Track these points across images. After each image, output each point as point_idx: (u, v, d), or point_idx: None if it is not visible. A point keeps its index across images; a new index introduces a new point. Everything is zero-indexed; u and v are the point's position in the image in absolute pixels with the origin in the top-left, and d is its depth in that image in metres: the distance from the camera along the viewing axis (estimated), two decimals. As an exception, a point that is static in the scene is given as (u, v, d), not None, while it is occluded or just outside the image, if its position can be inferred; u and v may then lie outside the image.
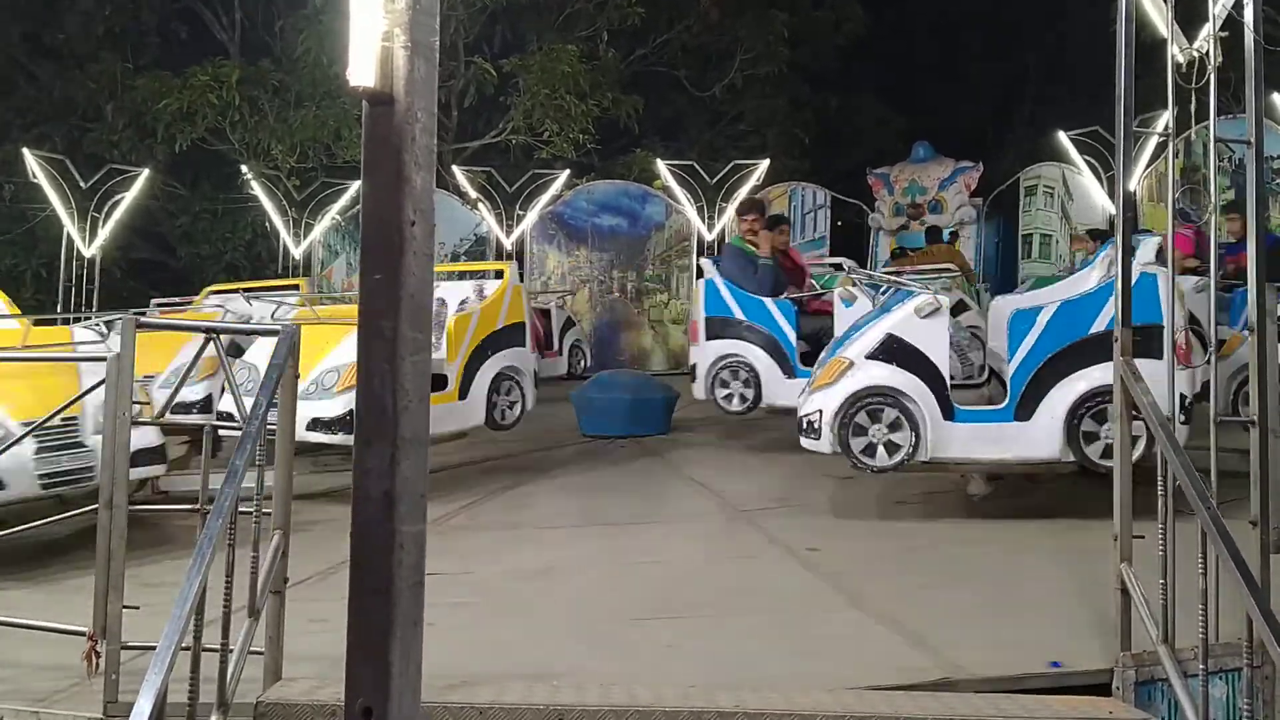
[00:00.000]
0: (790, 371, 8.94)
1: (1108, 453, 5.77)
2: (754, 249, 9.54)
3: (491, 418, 8.68)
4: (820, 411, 6.79)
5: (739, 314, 9.09)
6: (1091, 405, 6.40)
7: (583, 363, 15.85)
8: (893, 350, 6.75)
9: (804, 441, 6.93)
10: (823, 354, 7.53)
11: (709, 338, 9.11)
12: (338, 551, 5.02)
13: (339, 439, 7.62)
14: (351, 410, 6.91)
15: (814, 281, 9.97)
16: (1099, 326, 6.33)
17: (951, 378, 6.83)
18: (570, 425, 10.78)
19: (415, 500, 1.62)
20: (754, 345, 9.04)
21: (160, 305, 12.36)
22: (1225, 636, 4.00)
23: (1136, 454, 5.73)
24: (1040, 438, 6.52)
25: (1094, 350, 6.23)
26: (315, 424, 7.55)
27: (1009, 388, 6.62)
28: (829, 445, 6.73)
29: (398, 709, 1.58)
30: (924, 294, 6.93)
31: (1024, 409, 6.56)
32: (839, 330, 8.16)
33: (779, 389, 8.94)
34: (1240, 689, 3.75)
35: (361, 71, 1.61)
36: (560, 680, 4.15)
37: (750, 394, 9.03)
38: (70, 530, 6.00)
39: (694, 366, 9.42)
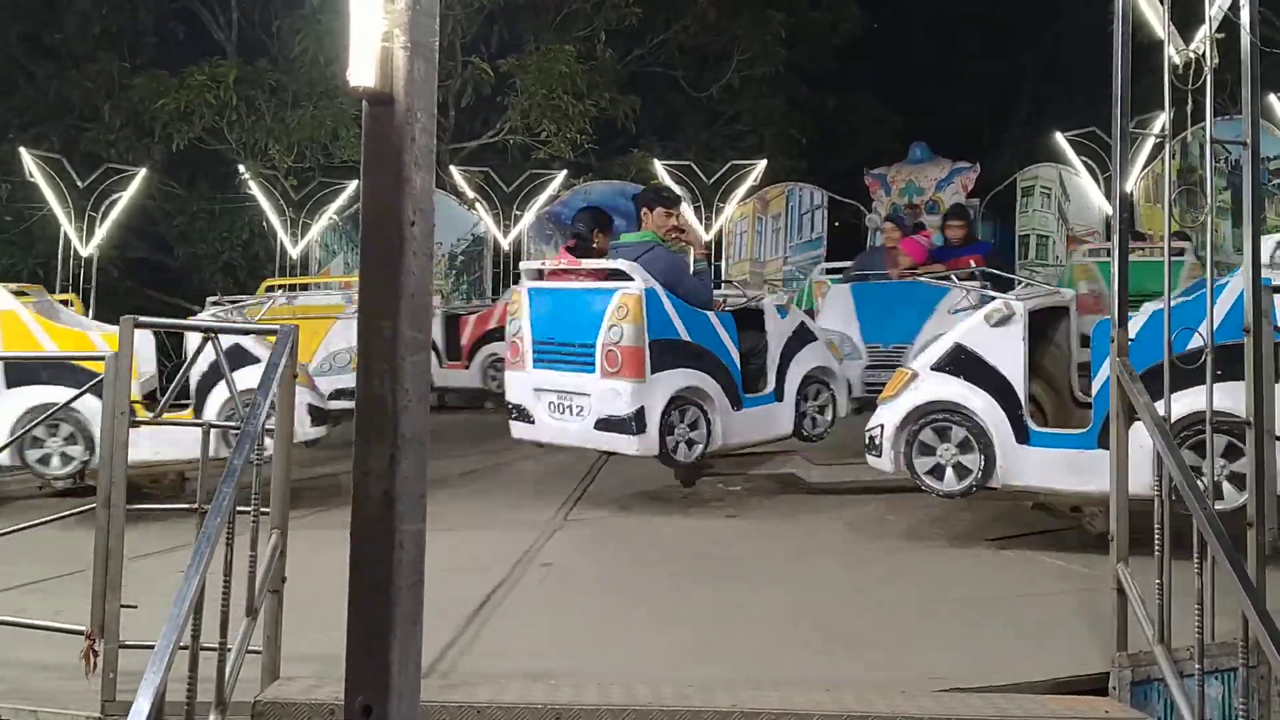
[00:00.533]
0: (738, 402, 7.56)
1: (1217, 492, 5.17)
2: (682, 246, 8.34)
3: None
4: (882, 426, 6.33)
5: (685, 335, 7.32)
6: (1188, 434, 5.29)
7: None
8: (960, 362, 6.15)
9: (869, 459, 6.48)
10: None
11: (655, 369, 7.08)
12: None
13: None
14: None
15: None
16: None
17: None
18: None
19: (415, 499, 1.62)
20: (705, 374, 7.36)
21: (226, 301, 12.44)
22: (1221, 636, 4.01)
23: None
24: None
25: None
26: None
27: (1093, 409, 5.80)
28: (890, 464, 6.29)
29: (397, 707, 1.58)
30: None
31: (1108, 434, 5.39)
32: (772, 347, 7.75)
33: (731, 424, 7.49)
34: (1236, 689, 3.75)
35: (361, 72, 1.62)
36: (558, 679, 4.16)
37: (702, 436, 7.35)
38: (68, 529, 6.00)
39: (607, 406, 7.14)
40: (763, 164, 17.95)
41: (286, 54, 17.23)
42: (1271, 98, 13.68)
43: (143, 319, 4.54)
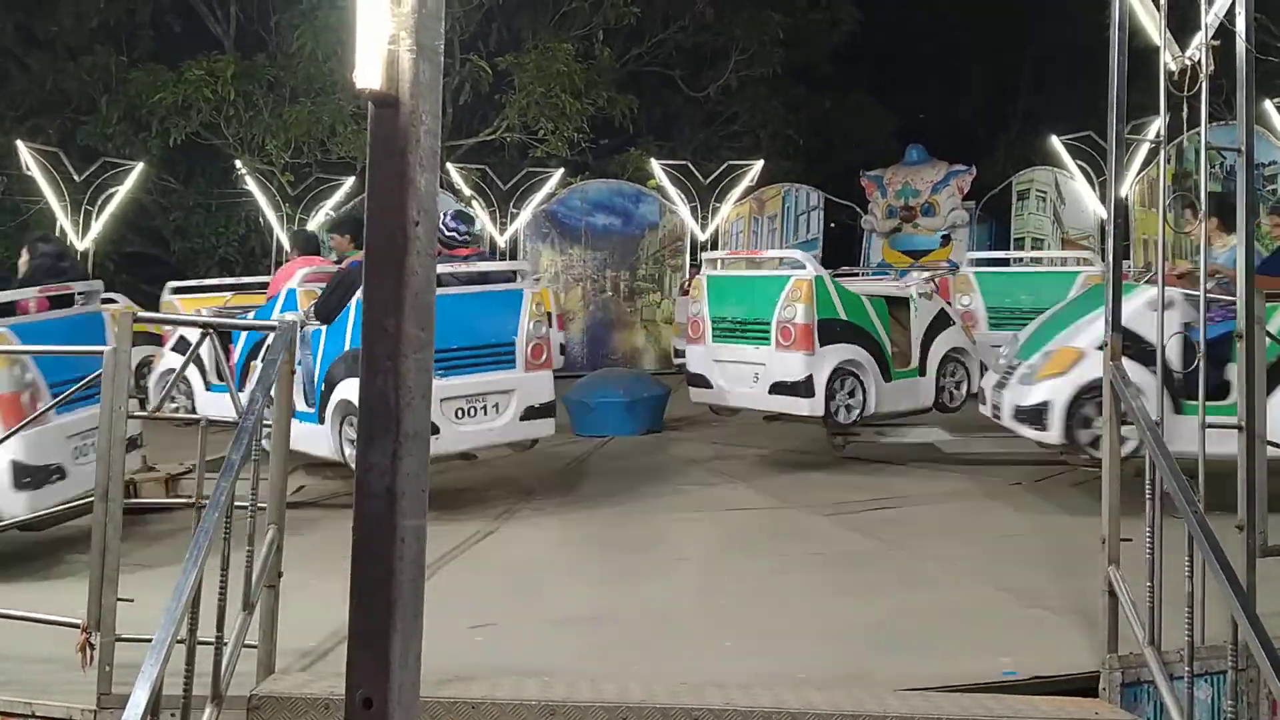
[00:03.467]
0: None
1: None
2: None
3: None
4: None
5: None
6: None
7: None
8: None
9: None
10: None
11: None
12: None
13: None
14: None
15: None
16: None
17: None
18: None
19: (417, 495, 1.65)
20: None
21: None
22: (1211, 639, 4.04)
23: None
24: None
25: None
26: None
27: None
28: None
29: (397, 701, 1.60)
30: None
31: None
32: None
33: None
34: (1225, 691, 3.78)
35: (367, 74, 1.64)
36: (552, 676, 4.18)
37: None
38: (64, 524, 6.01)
39: None
40: (759, 164, 17.99)
41: (284, 49, 17.23)
42: (1267, 104, 13.73)
43: (141, 314, 4.56)
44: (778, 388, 8.45)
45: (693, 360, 9.34)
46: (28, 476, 5.82)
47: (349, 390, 6.88)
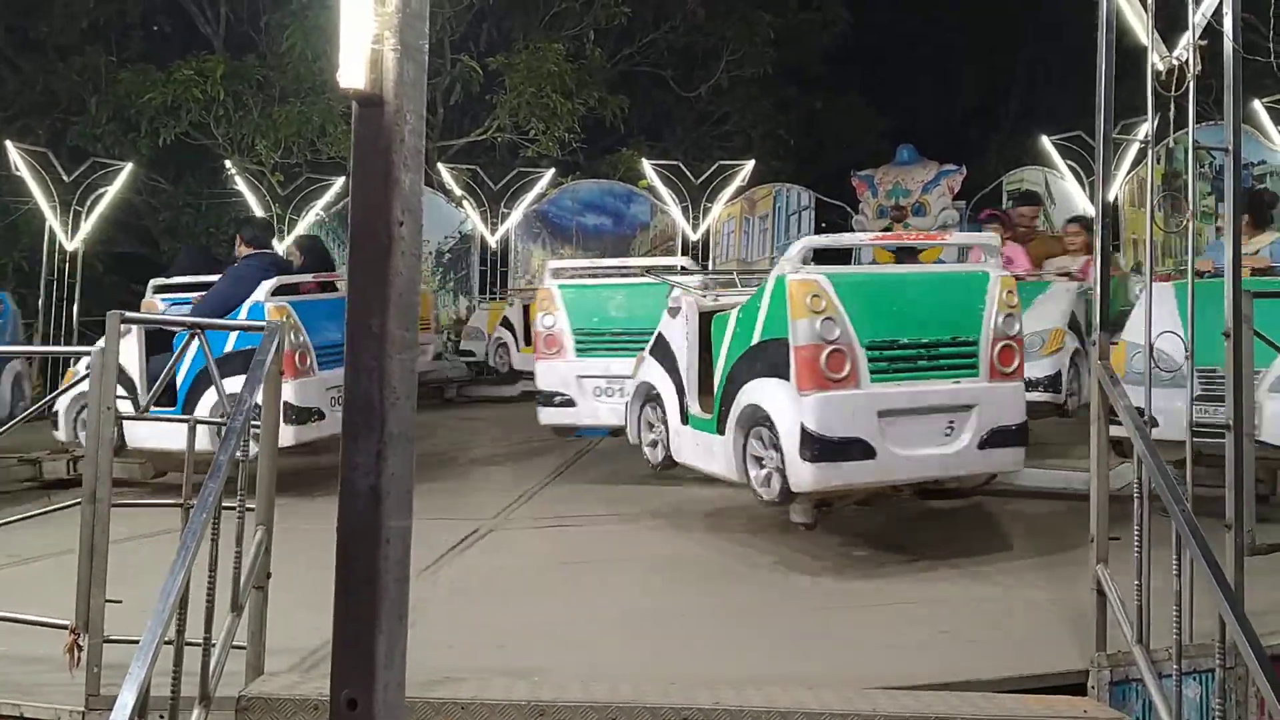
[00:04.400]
0: None
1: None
2: None
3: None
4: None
5: None
6: None
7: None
8: None
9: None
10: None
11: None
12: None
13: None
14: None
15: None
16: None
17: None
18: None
19: (402, 495, 1.64)
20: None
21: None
22: (1199, 637, 4.05)
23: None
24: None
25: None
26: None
27: None
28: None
29: (382, 701, 1.60)
30: None
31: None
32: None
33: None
34: (1213, 690, 3.79)
35: (351, 73, 1.63)
36: (542, 677, 4.18)
37: None
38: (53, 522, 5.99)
39: None
40: (750, 164, 18.01)
41: (274, 49, 17.19)
42: (1255, 104, 13.77)
43: (129, 314, 4.54)
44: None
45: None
46: (294, 414, 7.54)
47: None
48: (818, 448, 5.53)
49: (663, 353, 6.99)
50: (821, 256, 6.17)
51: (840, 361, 5.60)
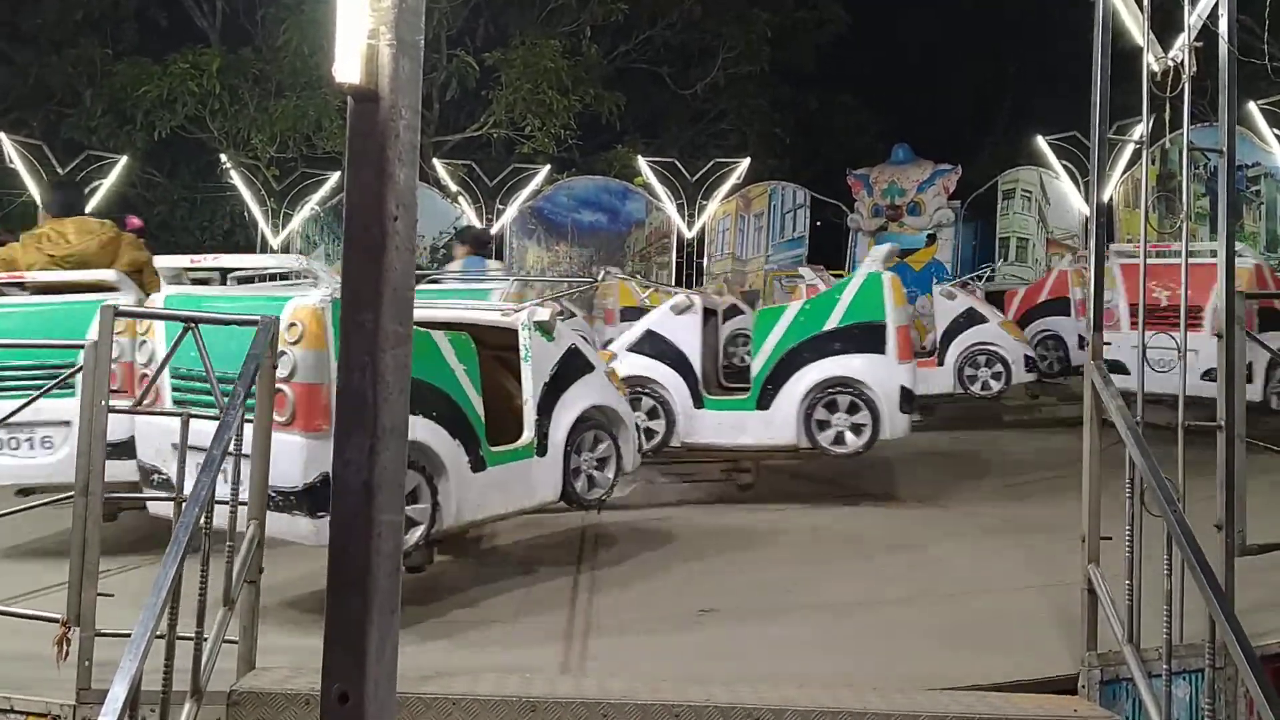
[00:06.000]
0: None
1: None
2: None
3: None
4: None
5: None
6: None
7: None
8: None
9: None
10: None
11: None
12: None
13: None
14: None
15: None
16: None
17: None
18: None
19: (394, 490, 1.65)
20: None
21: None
22: (1190, 637, 4.06)
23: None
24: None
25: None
26: None
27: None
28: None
29: (374, 694, 1.60)
30: None
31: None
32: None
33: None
34: (1203, 690, 3.80)
35: (347, 68, 1.63)
36: (533, 673, 4.18)
37: None
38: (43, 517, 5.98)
39: None
40: (746, 162, 18.02)
41: (271, 43, 17.17)
42: (1250, 105, 13.80)
43: (122, 308, 4.53)
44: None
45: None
46: None
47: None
48: (912, 402, 7.49)
49: (661, 348, 7.74)
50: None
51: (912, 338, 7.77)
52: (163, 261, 5.58)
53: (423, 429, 5.05)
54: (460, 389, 5.36)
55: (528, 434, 5.76)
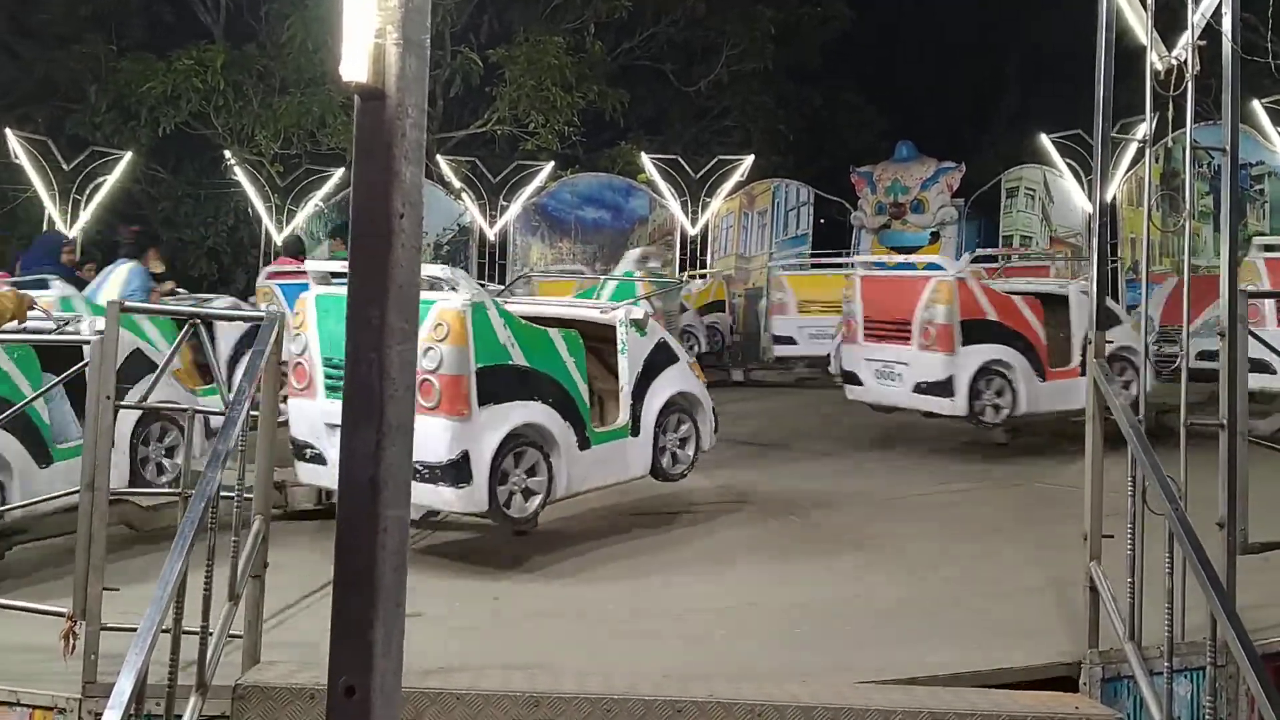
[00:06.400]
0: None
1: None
2: None
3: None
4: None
5: None
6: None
7: None
8: None
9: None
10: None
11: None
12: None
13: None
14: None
15: None
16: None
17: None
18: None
19: (399, 485, 1.66)
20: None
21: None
22: (1191, 635, 4.07)
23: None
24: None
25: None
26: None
27: None
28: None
29: (380, 688, 1.62)
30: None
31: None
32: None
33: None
34: (1204, 687, 3.82)
35: (354, 67, 1.65)
36: (537, 668, 4.20)
37: None
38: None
39: None
40: (749, 160, 18.02)
41: (275, 39, 17.19)
42: (1254, 104, 13.78)
43: (129, 304, 4.55)
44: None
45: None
46: None
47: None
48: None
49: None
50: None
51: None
52: (312, 265, 6.73)
53: (540, 413, 5.96)
54: (571, 378, 6.20)
55: (623, 417, 6.53)
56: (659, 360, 6.77)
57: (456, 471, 5.53)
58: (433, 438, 5.42)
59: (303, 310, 6.16)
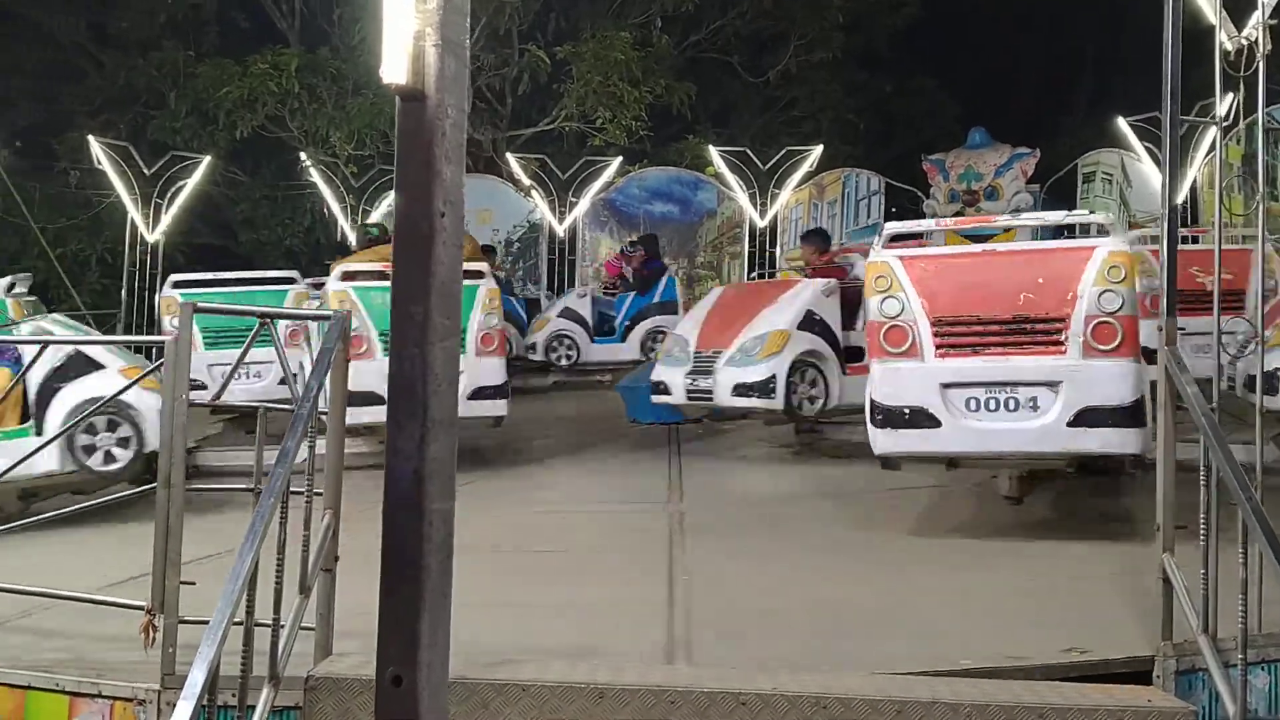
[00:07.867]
0: None
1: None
2: None
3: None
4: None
5: None
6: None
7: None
8: None
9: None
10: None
11: None
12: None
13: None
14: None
15: None
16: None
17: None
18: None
19: (444, 479, 1.69)
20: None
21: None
22: (1268, 627, 3.98)
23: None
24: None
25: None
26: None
27: None
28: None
29: (426, 678, 1.65)
30: None
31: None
32: None
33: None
34: (1283, 679, 3.73)
35: (394, 69, 1.68)
36: (599, 659, 4.23)
37: None
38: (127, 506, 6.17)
39: None
40: (819, 150, 17.87)
41: (347, 42, 17.44)
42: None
43: (201, 303, 4.65)
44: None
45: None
46: None
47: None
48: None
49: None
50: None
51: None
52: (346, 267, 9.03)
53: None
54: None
55: None
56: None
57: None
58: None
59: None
